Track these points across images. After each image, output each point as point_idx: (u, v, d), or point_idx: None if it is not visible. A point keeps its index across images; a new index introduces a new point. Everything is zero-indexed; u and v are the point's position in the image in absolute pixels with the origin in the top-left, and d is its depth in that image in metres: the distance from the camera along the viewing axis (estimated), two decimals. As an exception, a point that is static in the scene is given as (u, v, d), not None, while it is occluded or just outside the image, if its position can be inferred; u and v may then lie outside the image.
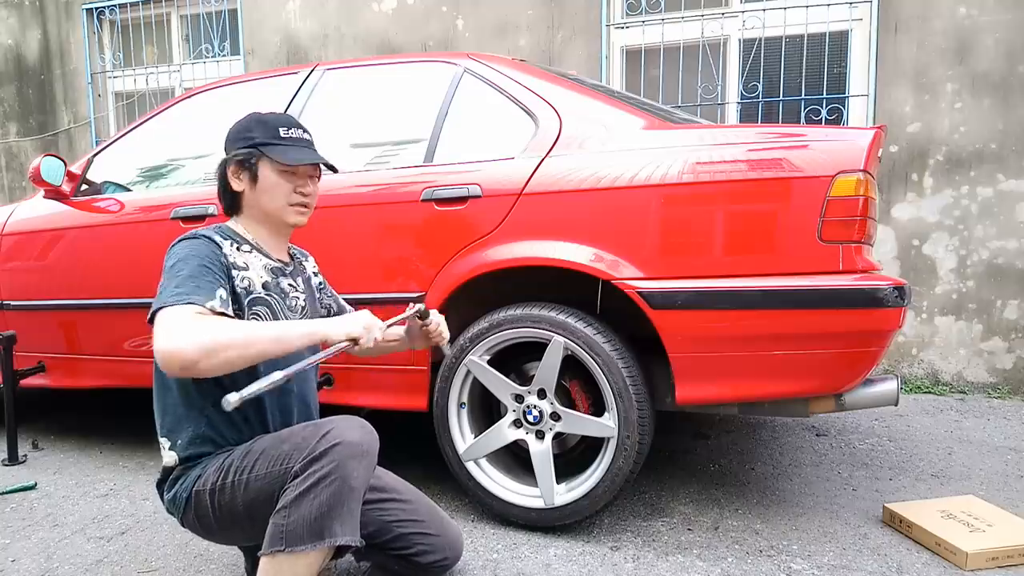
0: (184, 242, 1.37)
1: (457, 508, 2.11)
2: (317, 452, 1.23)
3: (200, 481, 1.35)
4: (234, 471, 1.32)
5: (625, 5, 3.90)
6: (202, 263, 1.32)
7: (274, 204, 1.46)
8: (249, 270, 1.41)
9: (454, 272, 1.95)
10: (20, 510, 2.16)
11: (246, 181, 1.45)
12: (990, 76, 3.35)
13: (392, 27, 4.22)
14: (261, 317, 1.40)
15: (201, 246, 1.35)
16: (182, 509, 1.39)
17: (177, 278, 1.28)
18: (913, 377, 3.57)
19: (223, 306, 1.29)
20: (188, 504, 1.37)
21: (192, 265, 1.31)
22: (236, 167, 1.45)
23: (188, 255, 1.33)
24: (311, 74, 2.42)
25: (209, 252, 1.35)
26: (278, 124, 1.46)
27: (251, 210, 1.48)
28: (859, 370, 1.70)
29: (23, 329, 2.66)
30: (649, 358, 1.91)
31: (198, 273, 1.30)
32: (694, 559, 1.79)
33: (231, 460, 1.34)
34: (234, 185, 1.46)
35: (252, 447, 1.34)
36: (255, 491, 1.29)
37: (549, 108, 1.99)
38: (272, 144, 1.44)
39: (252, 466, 1.30)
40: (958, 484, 2.29)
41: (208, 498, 1.34)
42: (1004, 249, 3.38)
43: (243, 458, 1.32)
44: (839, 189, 1.64)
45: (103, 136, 4.87)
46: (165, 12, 4.78)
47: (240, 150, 1.45)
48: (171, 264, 1.33)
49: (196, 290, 1.27)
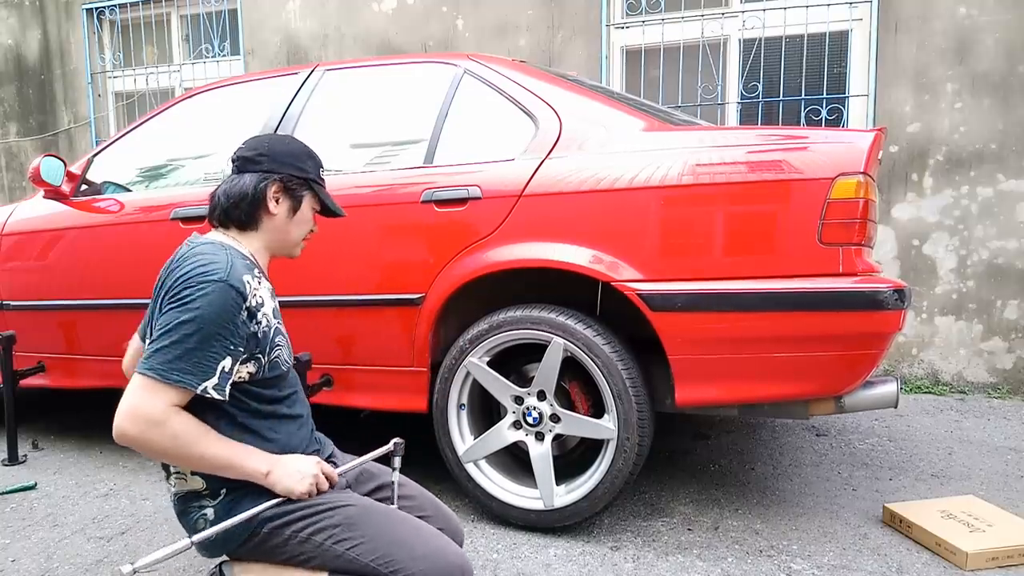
0: (208, 288, 1.21)
1: (457, 508, 2.11)
2: None
3: (280, 523, 1.29)
4: (328, 536, 1.28)
5: (625, 5, 3.90)
6: (217, 331, 1.21)
7: (295, 238, 1.44)
8: (265, 305, 1.33)
9: (454, 273, 1.95)
10: (20, 510, 2.16)
11: (284, 208, 1.39)
12: (990, 76, 3.35)
13: (392, 27, 4.22)
14: (281, 347, 1.36)
15: (224, 303, 1.22)
16: (240, 542, 1.31)
17: (180, 347, 1.18)
18: (913, 377, 3.57)
19: (218, 387, 1.22)
20: (252, 538, 1.31)
21: (205, 332, 1.20)
22: (282, 191, 1.39)
23: (206, 318, 1.19)
24: (311, 74, 2.42)
25: (230, 312, 1.23)
26: (320, 165, 1.46)
27: (269, 234, 1.41)
28: (859, 372, 1.70)
29: (23, 329, 2.67)
30: (649, 359, 1.91)
31: (206, 344, 1.19)
32: (694, 559, 1.80)
33: (326, 520, 1.29)
34: (271, 206, 1.38)
35: (355, 520, 1.30)
36: (342, 564, 1.27)
37: (549, 109, 1.99)
38: (320, 184, 1.44)
39: (353, 544, 1.27)
40: (958, 484, 2.29)
41: (283, 542, 1.30)
42: (1004, 249, 3.38)
43: (344, 528, 1.28)
44: (839, 191, 1.64)
45: (103, 136, 4.87)
46: (165, 12, 4.78)
47: (294, 178, 1.39)
48: (184, 318, 1.19)
49: (195, 367, 1.19)
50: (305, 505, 1.30)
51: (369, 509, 1.35)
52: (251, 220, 1.38)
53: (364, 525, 1.30)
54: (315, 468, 1.32)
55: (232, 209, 1.37)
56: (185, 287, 1.22)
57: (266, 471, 1.28)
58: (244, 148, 1.41)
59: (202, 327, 1.19)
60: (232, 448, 1.26)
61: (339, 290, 2.11)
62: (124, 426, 1.17)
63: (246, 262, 1.33)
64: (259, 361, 1.31)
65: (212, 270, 1.23)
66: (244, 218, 1.37)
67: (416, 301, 2.00)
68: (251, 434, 1.33)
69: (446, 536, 1.40)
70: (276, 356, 1.35)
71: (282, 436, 1.39)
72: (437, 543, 1.33)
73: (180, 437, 1.19)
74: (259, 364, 1.31)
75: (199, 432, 1.22)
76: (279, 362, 1.36)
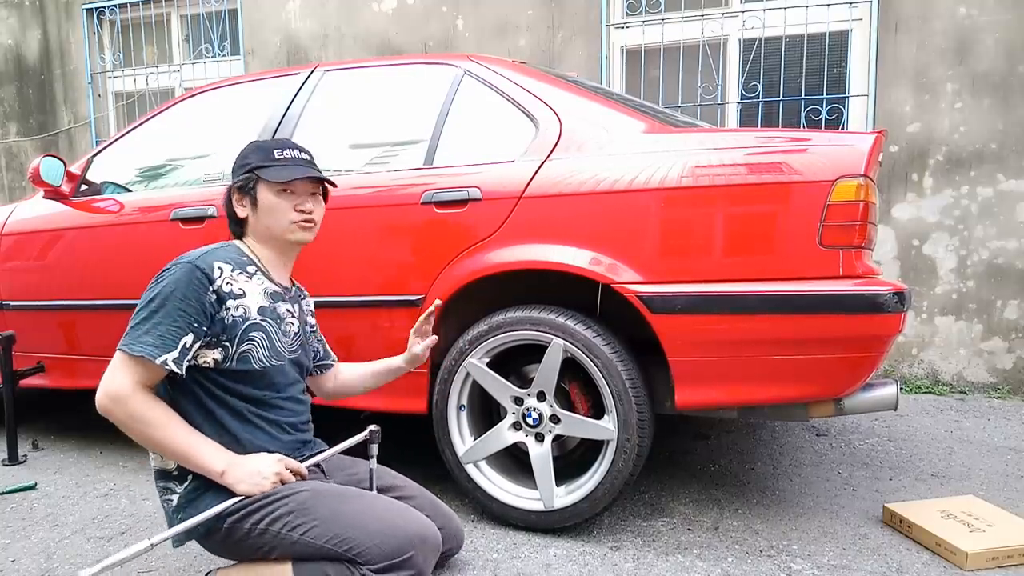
0: (176, 269, 1.36)
1: (457, 508, 2.11)
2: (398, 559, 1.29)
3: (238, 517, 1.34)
4: (283, 524, 1.32)
5: (625, 5, 3.90)
6: (180, 305, 1.32)
7: (277, 225, 1.49)
8: (246, 297, 1.42)
9: (454, 275, 1.95)
10: (20, 510, 2.17)
11: (248, 206, 1.51)
12: (990, 76, 3.35)
13: (392, 27, 4.21)
14: (256, 343, 1.41)
15: (189, 281, 1.34)
16: (202, 534, 1.39)
17: (148, 322, 1.31)
18: (913, 377, 3.58)
19: (177, 360, 1.31)
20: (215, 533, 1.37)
21: (168, 307, 1.32)
22: (238, 194, 1.51)
23: (171, 292, 1.33)
24: (311, 75, 2.42)
25: (194, 290, 1.34)
26: (273, 147, 1.50)
27: (256, 234, 1.52)
28: (859, 375, 1.70)
29: (23, 329, 2.67)
30: (649, 361, 1.91)
31: (169, 318, 1.31)
32: (694, 559, 1.80)
33: (280, 508, 1.33)
34: (239, 212, 1.51)
35: (307, 504, 1.33)
36: (300, 549, 1.32)
37: (549, 111, 1.99)
38: (266, 166, 1.47)
39: (307, 529, 1.31)
40: (958, 484, 2.29)
41: (244, 535, 1.35)
42: (1004, 249, 3.38)
43: (297, 514, 1.32)
44: (839, 194, 1.64)
45: (103, 136, 4.87)
46: (165, 12, 4.78)
47: (239, 177, 1.50)
48: (152, 295, 1.34)
49: (158, 339, 1.30)
50: (261, 497, 1.34)
51: (321, 492, 1.38)
52: (240, 229, 1.54)
53: (316, 508, 1.33)
54: (276, 467, 1.36)
55: (230, 227, 1.56)
56: (163, 271, 1.38)
57: (221, 470, 1.33)
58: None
59: (165, 302, 1.32)
60: (191, 440, 1.32)
61: (339, 291, 2.11)
62: (97, 398, 1.30)
63: (240, 258, 1.45)
64: (226, 350, 1.38)
65: (185, 257, 1.38)
66: (237, 230, 1.55)
67: (416, 302, 2.00)
68: (225, 432, 1.38)
69: (411, 509, 1.42)
70: (247, 351, 1.39)
71: (257, 441, 1.43)
72: (391, 517, 1.35)
73: (137, 417, 1.28)
74: (226, 353, 1.38)
75: (161, 417, 1.30)
76: (250, 358, 1.40)
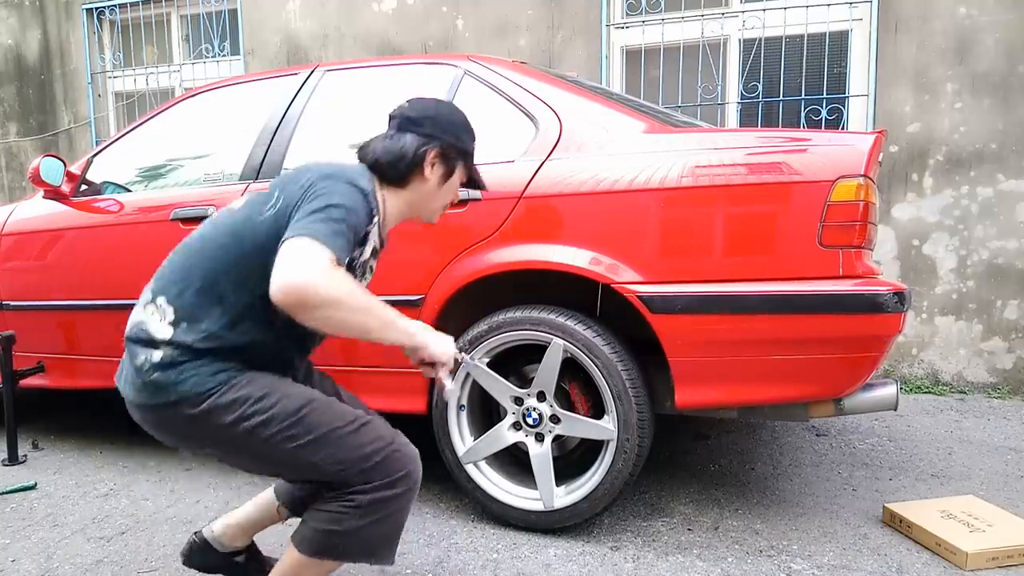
0: (352, 188, 1.26)
1: (457, 508, 2.11)
2: (391, 477, 1.26)
3: (225, 407, 1.24)
4: (276, 429, 1.24)
5: (625, 5, 3.90)
6: (354, 224, 1.24)
7: (436, 202, 1.48)
8: (366, 246, 1.36)
9: (454, 275, 1.95)
10: (20, 510, 2.17)
11: (438, 174, 1.43)
12: (990, 76, 3.35)
13: (392, 27, 4.21)
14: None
15: (363, 208, 1.27)
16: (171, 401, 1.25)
17: (334, 223, 1.19)
18: (913, 377, 3.58)
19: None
20: (186, 403, 1.25)
21: (350, 222, 1.23)
22: (440, 157, 1.42)
23: (350, 208, 1.23)
24: (311, 75, 2.42)
25: (363, 217, 1.27)
26: (474, 139, 1.50)
27: (415, 195, 1.44)
28: (859, 375, 1.70)
29: (22, 329, 2.66)
30: (648, 361, 1.91)
31: (347, 229, 1.21)
32: (694, 559, 1.80)
33: (274, 412, 1.24)
34: (425, 170, 1.41)
35: (302, 417, 1.25)
36: (289, 458, 1.25)
37: (549, 111, 1.99)
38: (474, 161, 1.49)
39: (298, 439, 1.24)
40: (958, 484, 2.29)
41: (226, 429, 1.24)
42: (1004, 249, 3.38)
43: (291, 424, 1.24)
44: (839, 194, 1.64)
45: (103, 136, 4.87)
46: (165, 12, 4.78)
47: (453, 147, 1.43)
48: (329, 203, 1.22)
49: (343, 248, 1.19)
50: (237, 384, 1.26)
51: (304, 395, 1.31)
52: (403, 180, 1.41)
53: (306, 419, 1.26)
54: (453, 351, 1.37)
55: (388, 166, 1.39)
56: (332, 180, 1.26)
57: (415, 331, 1.30)
58: (409, 108, 1.45)
59: (349, 218, 1.22)
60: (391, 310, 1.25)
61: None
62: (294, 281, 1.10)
63: (375, 203, 1.34)
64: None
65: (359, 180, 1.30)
66: (397, 177, 1.40)
67: (416, 302, 2.00)
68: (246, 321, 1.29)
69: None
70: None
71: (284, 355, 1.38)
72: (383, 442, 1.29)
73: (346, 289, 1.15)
74: None
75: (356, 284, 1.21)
76: None
